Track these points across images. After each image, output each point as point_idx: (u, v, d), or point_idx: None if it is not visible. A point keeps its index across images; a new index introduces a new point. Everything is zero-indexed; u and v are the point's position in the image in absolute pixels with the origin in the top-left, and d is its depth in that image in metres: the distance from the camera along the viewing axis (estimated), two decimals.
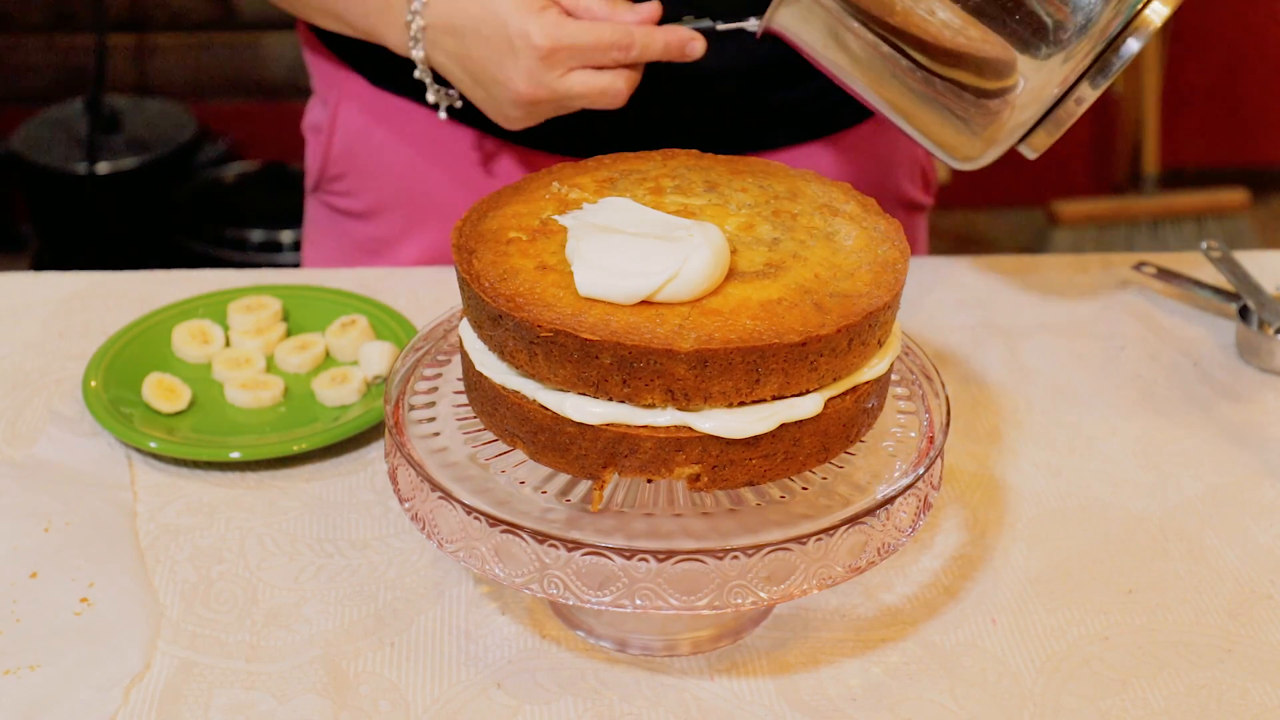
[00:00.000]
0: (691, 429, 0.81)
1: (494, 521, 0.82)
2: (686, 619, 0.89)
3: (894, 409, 0.94)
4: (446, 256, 1.27)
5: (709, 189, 0.92)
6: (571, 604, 0.82)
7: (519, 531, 0.81)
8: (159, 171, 2.89)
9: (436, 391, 0.94)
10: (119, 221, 2.88)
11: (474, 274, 0.84)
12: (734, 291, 0.82)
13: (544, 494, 0.86)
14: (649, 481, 0.85)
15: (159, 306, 1.17)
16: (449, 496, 0.84)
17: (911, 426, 0.92)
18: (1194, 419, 1.12)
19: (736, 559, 0.80)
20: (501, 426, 0.86)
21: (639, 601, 0.80)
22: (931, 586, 0.95)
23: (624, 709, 0.86)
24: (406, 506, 0.87)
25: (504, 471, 0.87)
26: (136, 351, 1.12)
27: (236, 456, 1.02)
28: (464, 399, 0.91)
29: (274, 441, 1.04)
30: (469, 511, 0.83)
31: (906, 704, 0.86)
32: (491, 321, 0.83)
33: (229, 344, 1.16)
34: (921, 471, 0.87)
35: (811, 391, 0.83)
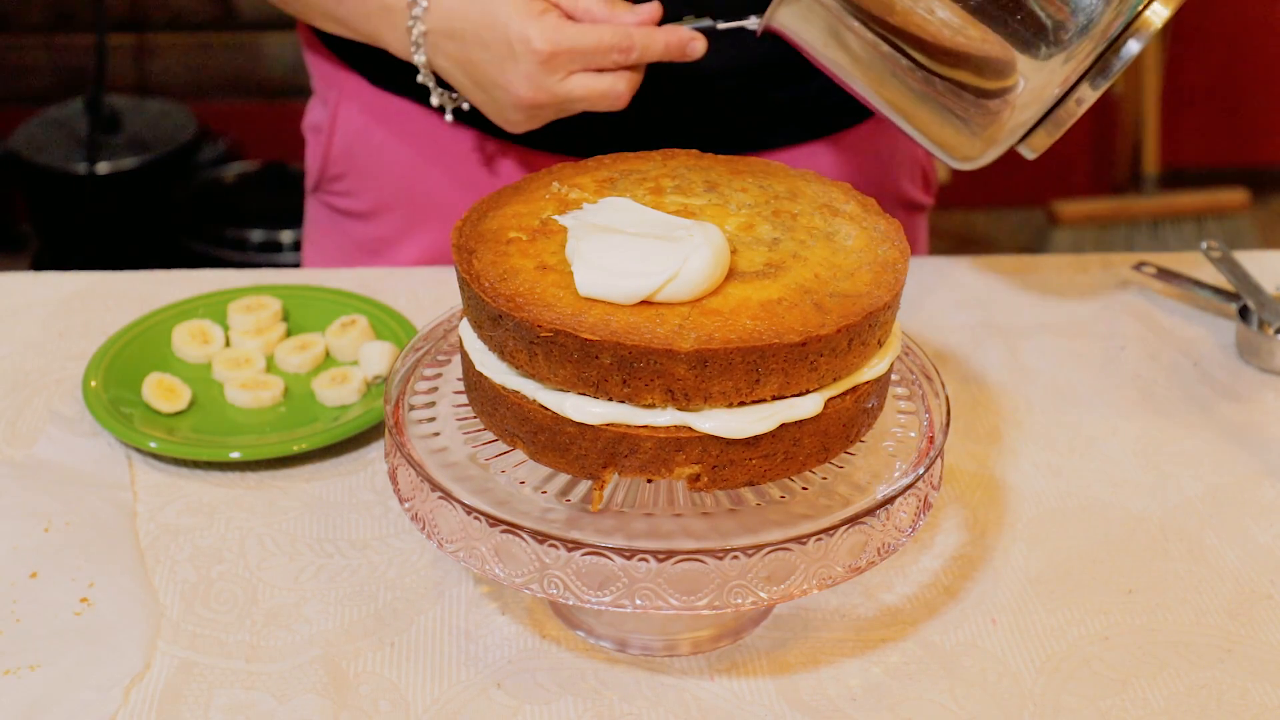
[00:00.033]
0: (691, 429, 0.81)
1: (494, 521, 0.82)
2: (686, 619, 0.89)
3: (894, 409, 0.93)
4: (446, 256, 1.27)
5: (709, 189, 0.92)
6: (571, 604, 0.82)
7: (519, 531, 0.81)
8: (159, 171, 2.89)
9: (436, 391, 0.94)
10: (119, 221, 2.88)
11: (474, 274, 0.84)
12: (734, 291, 0.82)
13: (544, 494, 0.86)
14: (649, 481, 0.85)
15: (159, 306, 1.17)
16: (449, 496, 0.84)
17: (911, 426, 0.92)
18: (1194, 419, 1.12)
19: (736, 559, 0.80)
20: (501, 426, 0.86)
21: (639, 601, 0.80)
22: (931, 586, 0.95)
23: (624, 709, 0.86)
24: (406, 506, 0.87)
25: (504, 471, 0.87)
26: (136, 351, 1.12)
27: (236, 456, 1.02)
28: (464, 399, 0.91)
29: (274, 441, 1.04)
30: (469, 511, 0.83)
31: (906, 704, 0.86)
32: (491, 321, 0.83)
33: (229, 344, 1.16)
34: (921, 471, 0.87)
35: (811, 391, 0.83)
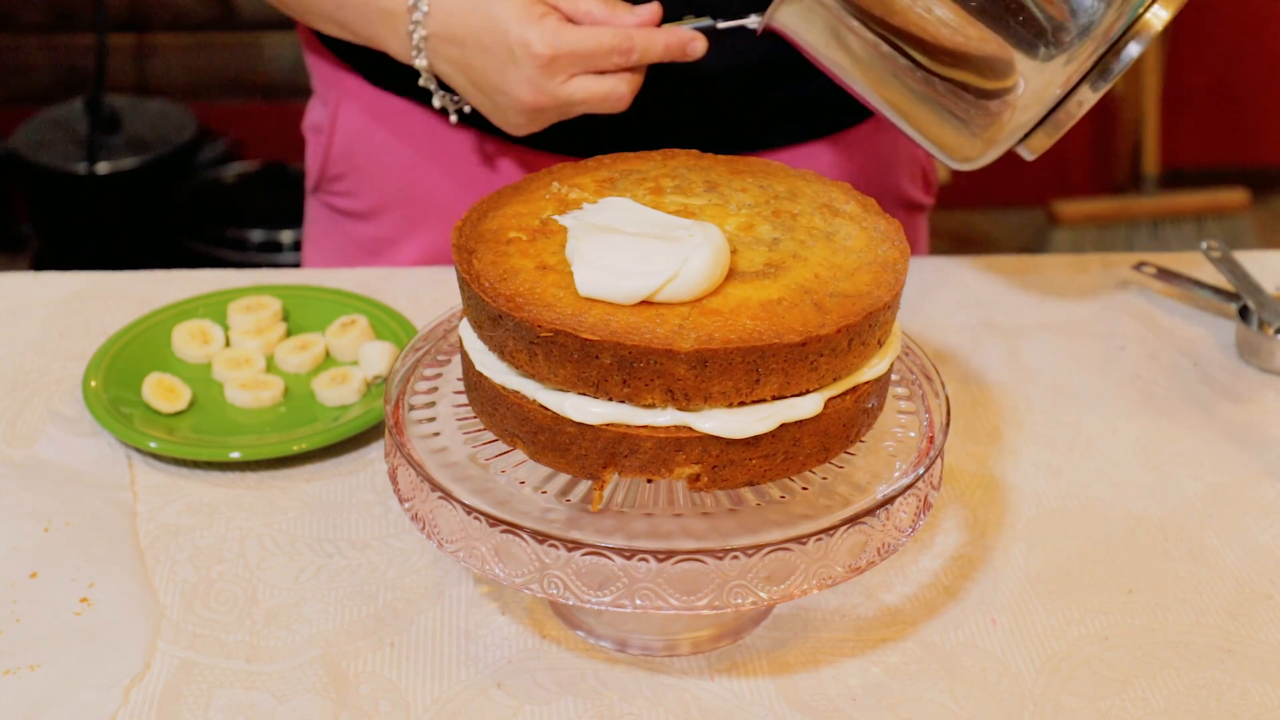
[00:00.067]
0: (691, 429, 0.81)
1: (494, 521, 0.82)
2: (686, 619, 0.89)
3: (894, 409, 0.93)
4: (446, 256, 1.27)
5: (709, 189, 0.92)
6: (571, 604, 0.82)
7: (519, 531, 0.81)
8: (159, 171, 2.89)
9: (436, 391, 0.94)
10: (119, 221, 2.88)
11: (474, 274, 0.84)
12: (734, 291, 0.82)
13: (544, 494, 0.86)
14: (649, 481, 0.85)
15: (159, 306, 1.17)
16: (449, 496, 0.84)
17: (911, 426, 0.92)
18: (1194, 419, 1.12)
19: (736, 559, 0.80)
20: (501, 426, 0.86)
21: (639, 601, 0.80)
22: (931, 586, 0.95)
23: (624, 709, 0.86)
24: (406, 506, 0.87)
25: (504, 471, 0.87)
26: (136, 351, 1.12)
27: (236, 456, 1.02)
28: (464, 399, 0.91)
29: (274, 441, 1.04)
30: (469, 511, 0.83)
31: (906, 704, 0.86)
32: (491, 321, 0.83)
33: (229, 344, 1.16)
34: (921, 471, 0.87)
35: (811, 391, 0.83)
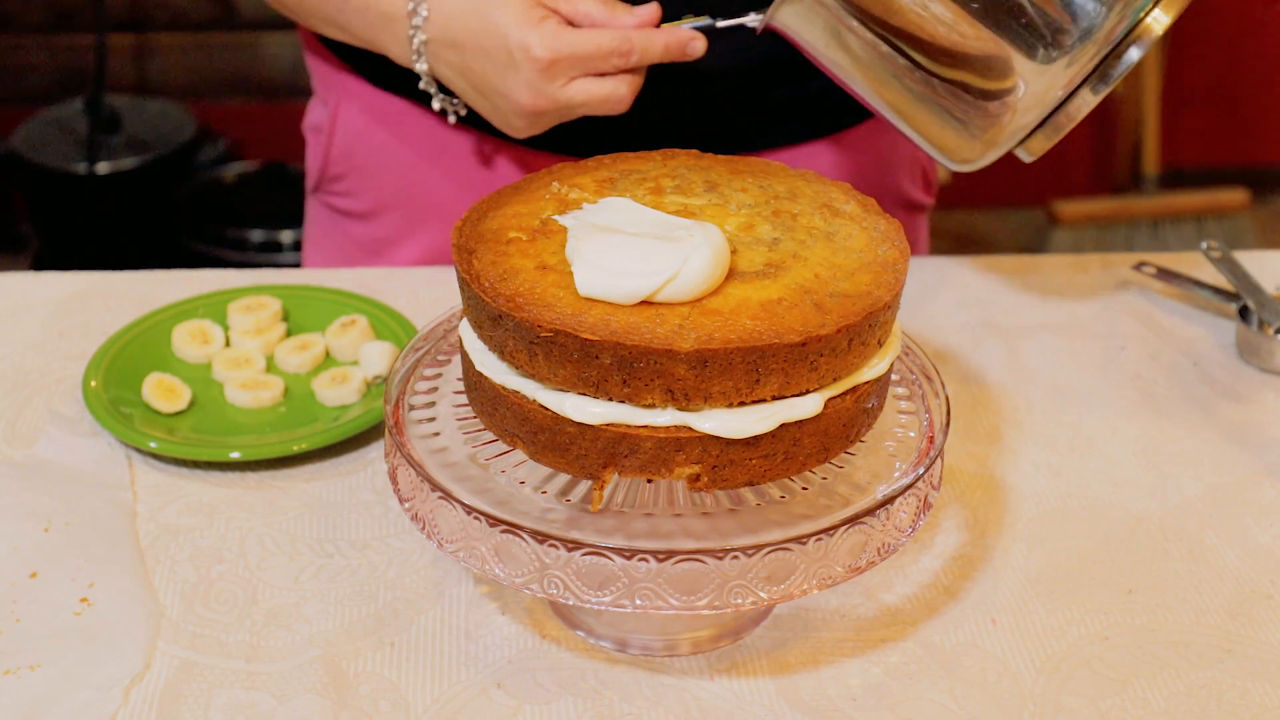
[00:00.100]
0: (691, 429, 0.81)
1: (494, 521, 0.82)
2: (686, 619, 0.89)
3: (894, 409, 0.93)
4: (446, 256, 1.27)
5: (709, 189, 0.92)
6: (571, 604, 0.82)
7: (519, 531, 0.81)
8: (159, 171, 2.89)
9: (436, 391, 0.94)
10: (119, 221, 2.88)
11: (474, 274, 0.84)
12: (734, 291, 0.82)
13: (544, 494, 0.86)
14: (649, 481, 0.85)
15: (159, 306, 1.17)
16: (449, 496, 0.84)
17: (911, 426, 0.92)
18: (1194, 419, 1.12)
19: (736, 559, 0.80)
20: (501, 426, 0.86)
21: (639, 601, 0.80)
22: (931, 586, 0.95)
23: (624, 709, 0.86)
24: (406, 506, 0.87)
25: (504, 471, 0.87)
26: (136, 351, 1.12)
27: (236, 456, 1.02)
28: (464, 399, 0.91)
29: (274, 441, 1.04)
30: (469, 511, 0.83)
31: (906, 704, 0.86)
32: (491, 321, 0.83)
33: (229, 344, 1.16)
34: (921, 471, 0.87)
35: (811, 391, 0.83)
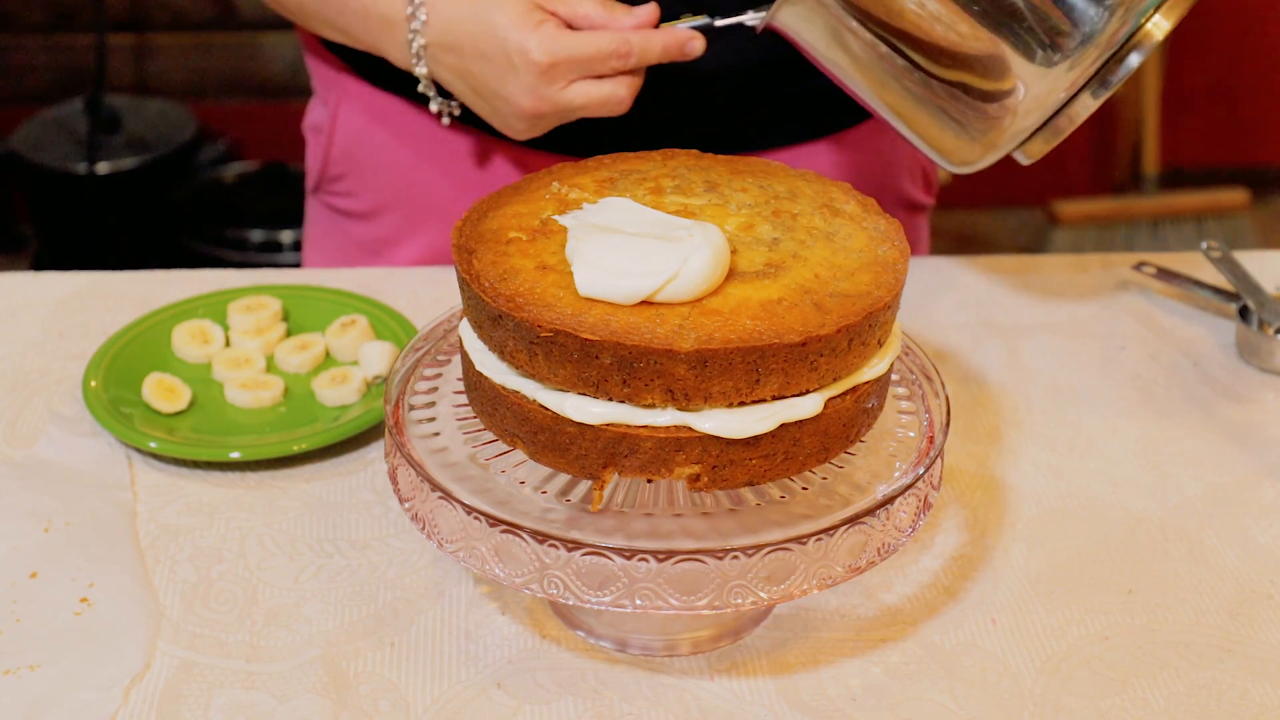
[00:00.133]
0: (691, 429, 0.81)
1: (494, 521, 0.82)
2: (686, 619, 0.89)
3: (894, 409, 0.93)
4: (446, 256, 1.27)
5: (709, 189, 0.92)
6: (571, 604, 0.82)
7: (519, 531, 0.81)
8: (159, 171, 2.89)
9: (436, 391, 0.94)
10: (119, 221, 2.88)
11: (474, 274, 0.84)
12: (734, 291, 0.82)
13: (544, 494, 0.86)
14: (649, 481, 0.85)
15: (159, 306, 1.17)
16: (449, 496, 0.84)
17: (911, 426, 0.92)
18: (1194, 419, 1.12)
19: (736, 559, 0.80)
20: (501, 426, 0.86)
21: (639, 601, 0.80)
22: (931, 586, 0.95)
23: (624, 709, 0.86)
24: (406, 506, 0.87)
25: (504, 471, 0.87)
26: (136, 351, 1.12)
27: (236, 456, 1.02)
28: (464, 399, 0.91)
29: (274, 441, 1.04)
30: (469, 511, 0.83)
31: (906, 704, 0.86)
32: (491, 321, 0.83)
33: (229, 344, 1.16)
34: (921, 471, 0.87)
35: (811, 391, 0.83)
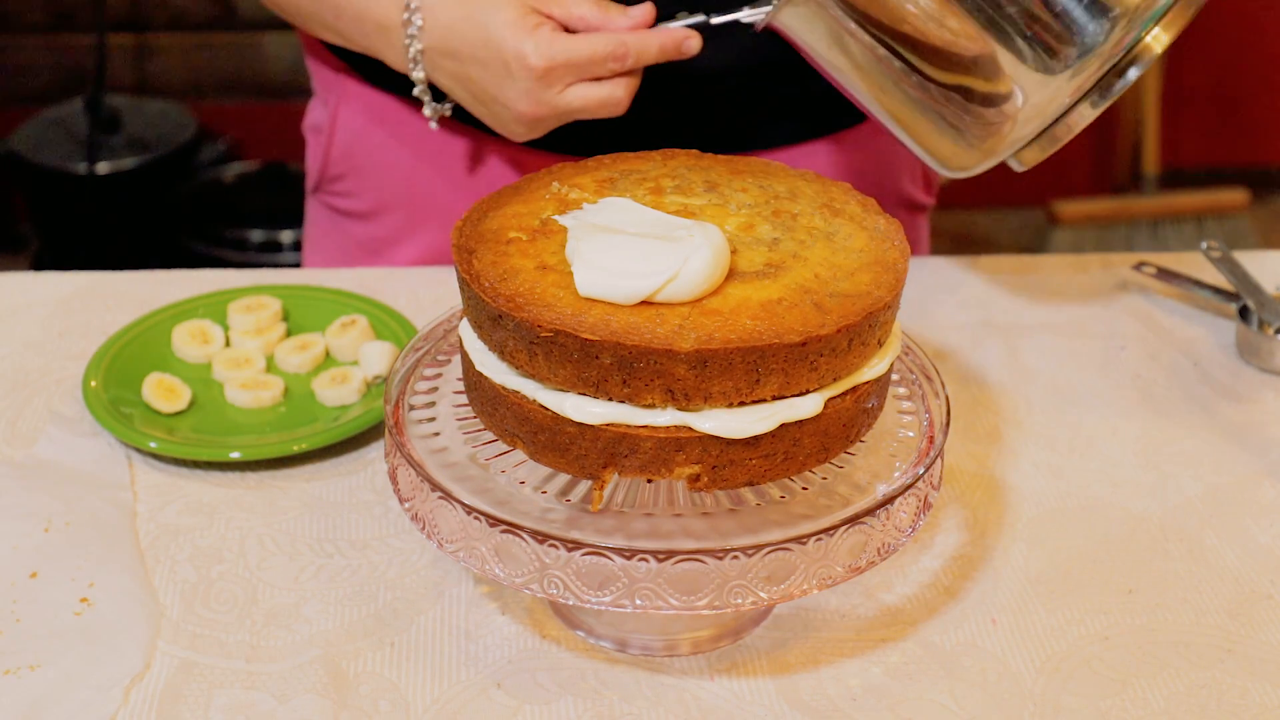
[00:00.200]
0: (691, 429, 0.81)
1: (494, 521, 0.82)
2: (686, 619, 0.89)
3: (894, 409, 0.93)
4: (446, 256, 1.27)
5: (709, 189, 0.92)
6: (571, 604, 0.82)
7: (519, 531, 0.81)
8: (159, 171, 2.89)
9: (436, 391, 0.94)
10: (119, 221, 2.88)
11: (474, 274, 0.84)
12: (734, 291, 0.82)
13: (544, 494, 0.86)
14: (649, 481, 0.85)
15: (159, 306, 1.17)
16: (449, 496, 0.84)
17: (911, 426, 0.92)
18: (1194, 419, 1.12)
19: (736, 559, 0.80)
20: (501, 426, 0.86)
21: (639, 601, 0.80)
22: (931, 586, 0.95)
23: (624, 709, 0.86)
24: (406, 506, 0.87)
25: (504, 471, 0.87)
26: (136, 351, 1.12)
27: (236, 456, 1.02)
28: (464, 399, 0.91)
29: (274, 441, 1.04)
30: (469, 511, 0.83)
31: (906, 704, 0.86)
32: (491, 321, 0.83)
33: (229, 344, 1.16)
34: (921, 471, 0.87)
35: (811, 391, 0.83)
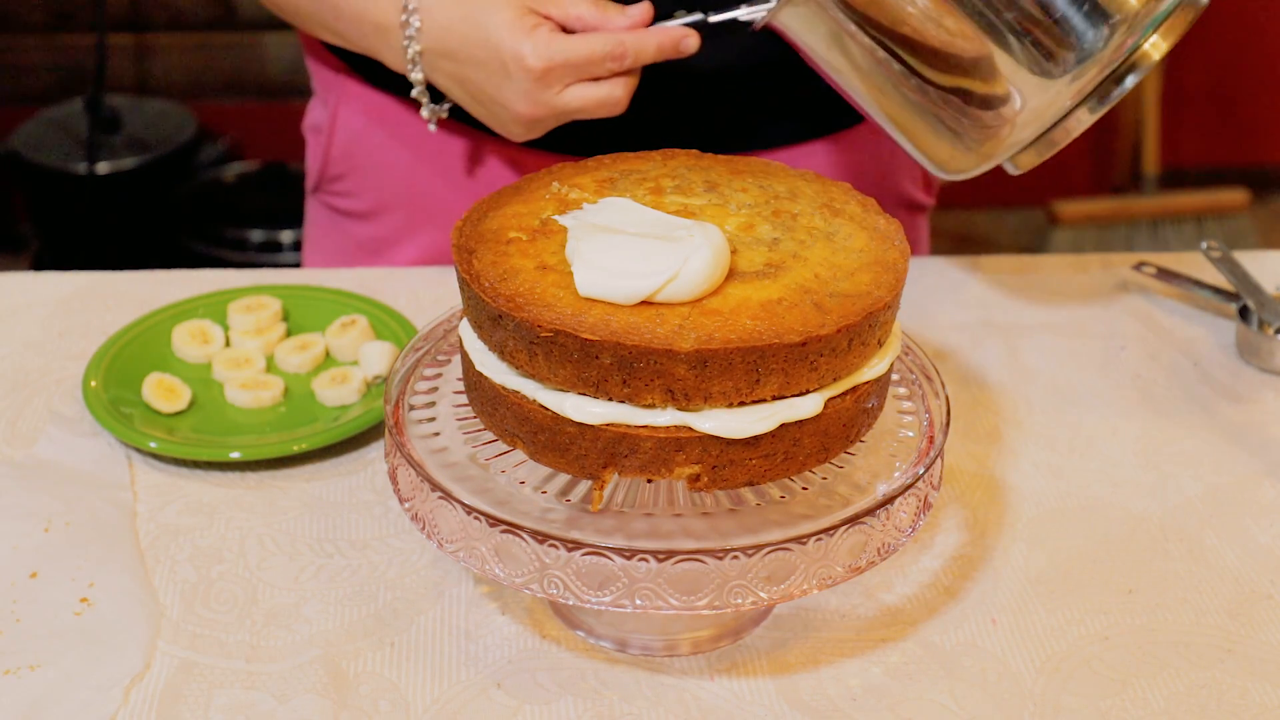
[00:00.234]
0: (691, 429, 0.81)
1: (494, 521, 0.82)
2: (686, 619, 0.89)
3: (894, 409, 0.93)
4: (446, 256, 1.27)
5: (709, 189, 0.92)
6: (571, 604, 0.82)
7: (519, 531, 0.81)
8: (159, 171, 2.89)
9: (436, 391, 0.94)
10: (119, 221, 2.88)
11: (474, 274, 0.84)
12: (734, 291, 0.82)
13: (544, 494, 0.86)
14: (649, 481, 0.85)
15: (159, 306, 1.17)
16: (449, 496, 0.84)
17: (911, 426, 0.92)
18: (1194, 419, 1.12)
19: (736, 559, 0.80)
20: (501, 426, 0.86)
21: (639, 601, 0.80)
22: (931, 586, 0.95)
23: (624, 709, 0.86)
24: (406, 506, 0.87)
25: (504, 471, 0.87)
26: (136, 351, 1.12)
27: (236, 456, 1.02)
28: (464, 399, 0.91)
29: (274, 441, 1.04)
30: (469, 511, 0.83)
31: (906, 704, 0.86)
32: (491, 321, 0.83)
33: (229, 344, 1.16)
34: (921, 471, 0.87)
35: (811, 391, 0.83)
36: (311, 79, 1.33)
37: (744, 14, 1.04)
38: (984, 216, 3.38)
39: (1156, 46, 0.97)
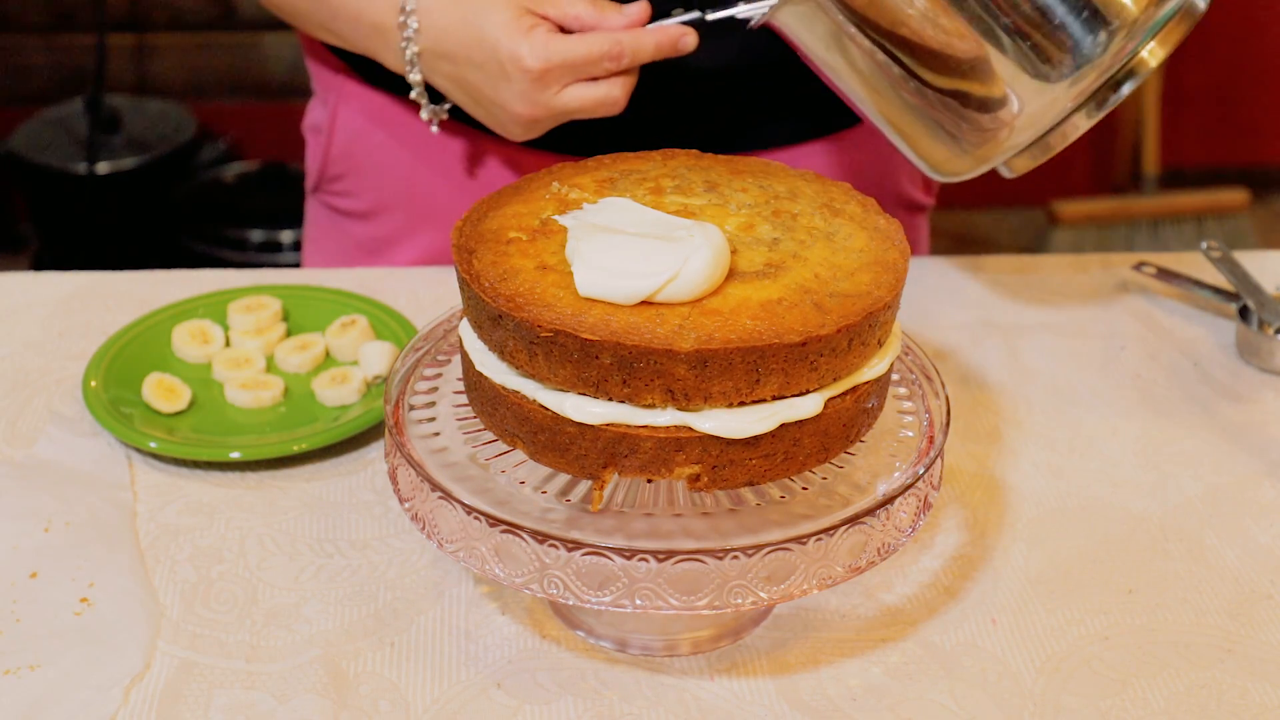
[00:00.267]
0: (691, 429, 0.81)
1: (494, 521, 0.82)
2: (686, 619, 0.89)
3: (894, 409, 0.93)
4: (446, 256, 1.27)
5: (709, 189, 0.92)
6: (571, 604, 0.82)
7: (519, 531, 0.81)
8: (159, 171, 2.89)
9: (436, 391, 0.94)
10: (119, 221, 2.88)
11: (474, 274, 0.84)
12: (734, 291, 0.82)
13: (544, 494, 0.86)
14: (649, 481, 0.85)
15: (159, 306, 1.17)
16: (449, 496, 0.84)
17: (911, 426, 0.92)
18: (1194, 419, 1.12)
19: (736, 559, 0.80)
20: (501, 426, 0.86)
21: (639, 601, 0.80)
22: (931, 586, 0.95)
23: (624, 709, 0.86)
24: (406, 506, 0.87)
25: (504, 471, 0.87)
26: (136, 351, 1.12)
27: (236, 456, 1.02)
28: (464, 399, 0.91)
29: (274, 441, 1.04)
30: (469, 511, 0.83)
31: (906, 704, 0.86)
32: (491, 321, 0.83)
33: (229, 344, 1.16)
34: (921, 471, 0.87)
35: (811, 391, 0.83)
36: (311, 79, 1.33)
37: (741, 11, 1.04)
38: (984, 216, 3.38)
39: (1154, 53, 0.98)
